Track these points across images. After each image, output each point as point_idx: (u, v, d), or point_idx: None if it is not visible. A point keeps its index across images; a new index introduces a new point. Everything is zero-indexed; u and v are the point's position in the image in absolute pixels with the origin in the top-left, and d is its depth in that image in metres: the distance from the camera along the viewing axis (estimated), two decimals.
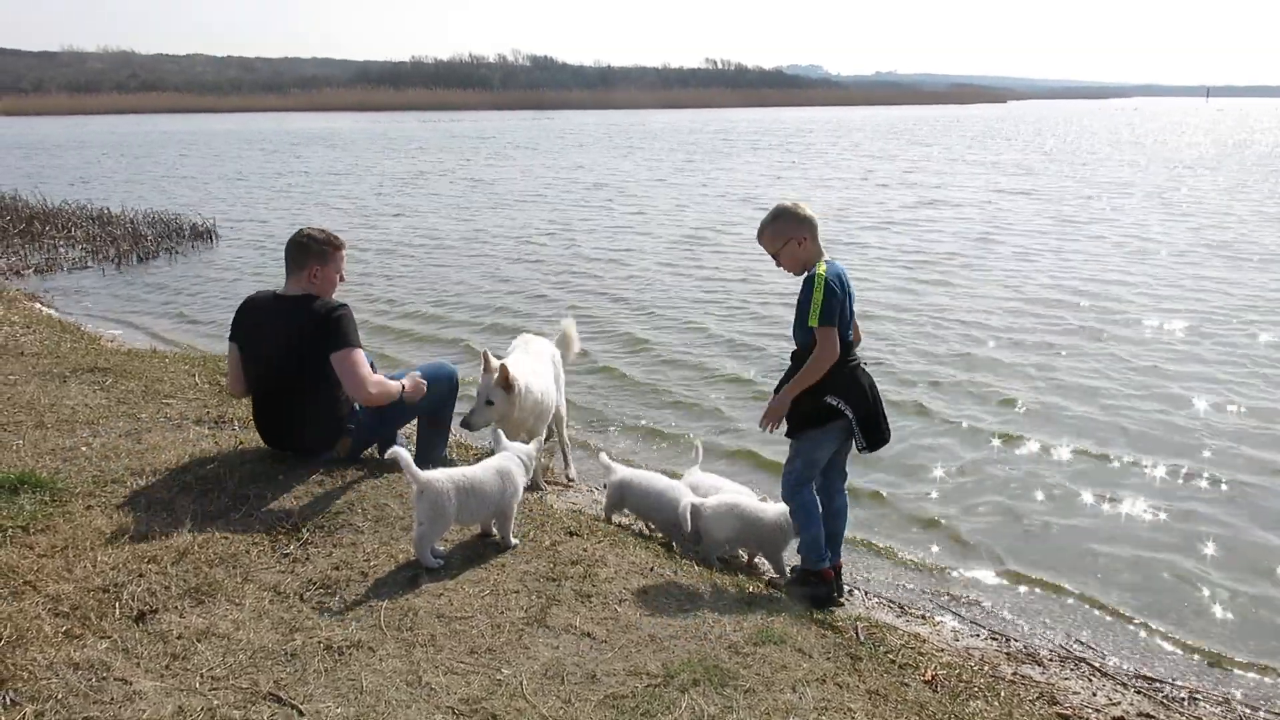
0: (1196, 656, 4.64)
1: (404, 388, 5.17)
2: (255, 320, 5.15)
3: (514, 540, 4.41)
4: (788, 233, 4.50)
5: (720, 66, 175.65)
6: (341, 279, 5.23)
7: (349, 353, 4.95)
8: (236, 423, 6.01)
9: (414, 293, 12.76)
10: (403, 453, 4.09)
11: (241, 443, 5.56)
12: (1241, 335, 10.17)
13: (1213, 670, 4.53)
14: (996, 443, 7.25)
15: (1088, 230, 17.50)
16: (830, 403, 4.44)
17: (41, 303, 11.48)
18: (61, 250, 15.40)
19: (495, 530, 4.43)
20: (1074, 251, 15.26)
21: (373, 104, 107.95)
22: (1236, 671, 4.51)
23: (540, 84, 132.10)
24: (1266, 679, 4.46)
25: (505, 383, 5.48)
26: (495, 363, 5.53)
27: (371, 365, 5.18)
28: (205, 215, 17.80)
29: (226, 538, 4.28)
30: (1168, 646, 4.74)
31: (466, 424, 5.58)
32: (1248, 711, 4.16)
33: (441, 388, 5.54)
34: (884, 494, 6.40)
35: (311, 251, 5.09)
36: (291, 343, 4.96)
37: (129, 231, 16.58)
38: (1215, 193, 23.60)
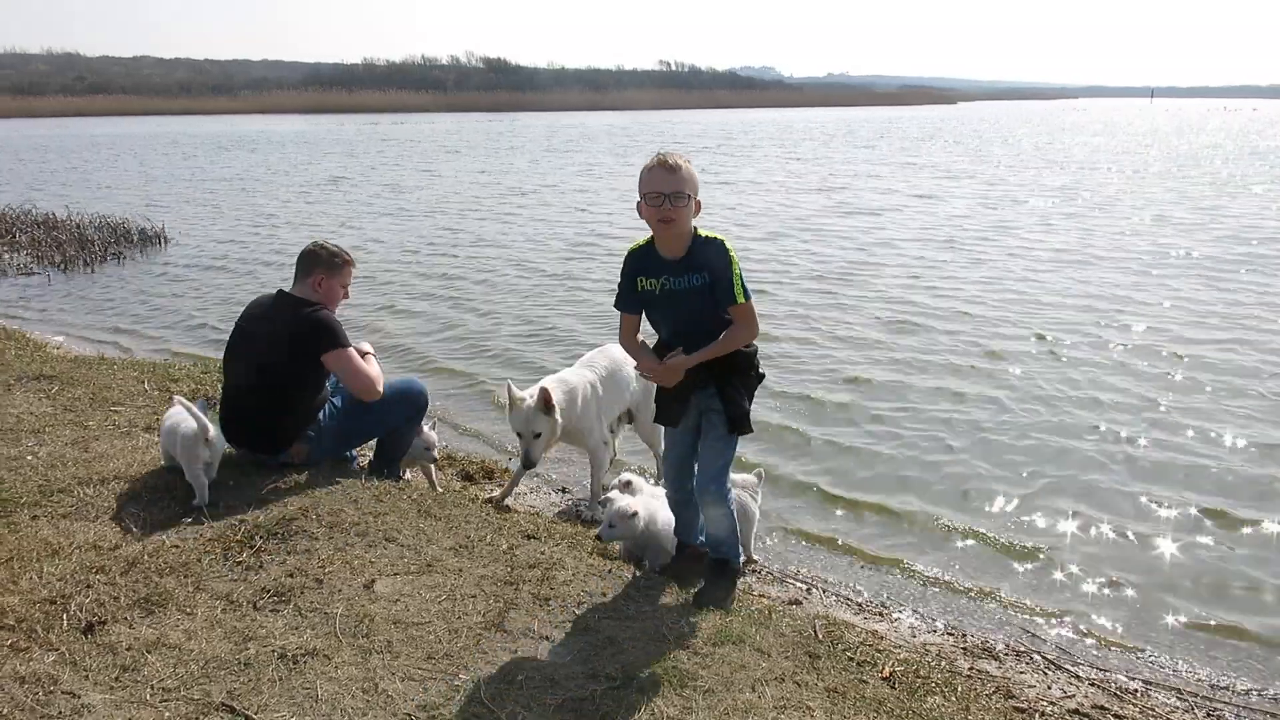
0: (1148, 648, 4.72)
1: (371, 354, 5.46)
2: (251, 315, 5.29)
3: None
4: (697, 185, 4.03)
5: (674, 68, 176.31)
6: (345, 295, 5.41)
7: (342, 352, 5.11)
8: None
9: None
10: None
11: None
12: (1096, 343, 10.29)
13: (1164, 660, 4.61)
14: (944, 434, 7.33)
15: (980, 239, 16.71)
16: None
17: None
18: (5, 256, 15.04)
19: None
20: (966, 262, 14.61)
21: (324, 106, 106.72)
22: (1187, 661, 4.60)
23: (495, 86, 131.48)
24: (1217, 668, 4.55)
25: (546, 406, 5.37)
26: (521, 393, 5.38)
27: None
28: (154, 220, 17.45)
29: (177, 546, 4.21)
30: (1121, 638, 4.82)
31: (528, 464, 5.50)
32: (1198, 700, 4.24)
33: (409, 407, 5.50)
34: (833, 491, 6.43)
35: (320, 261, 5.25)
36: (274, 339, 5.06)
37: (75, 237, 16.22)
38: (1120, 194, 23.74)
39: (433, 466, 5.79)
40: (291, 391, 5.13)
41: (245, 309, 5.39)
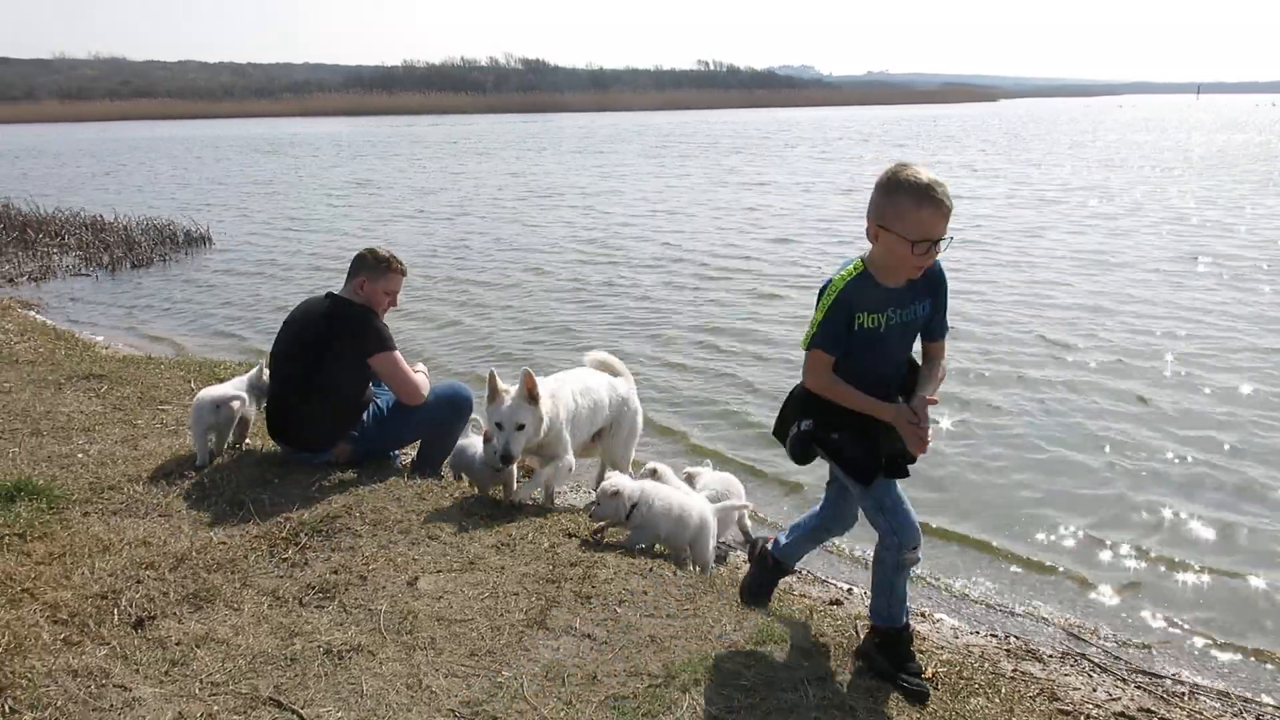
0: (1197, 649, 4.64)
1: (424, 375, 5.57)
2: (299, 315, 5.37)
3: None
4: None
5: (713, 68, 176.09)
6: (393, 303, 5.48)
7: (389, 355, 5.20)
8: None
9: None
10: None
11: (238, 448, 5.56)
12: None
13: (1211, 662, 4.54)
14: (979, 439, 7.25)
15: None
16: None
17: (36, 310, 11.45)
18: (55, 258, 15.35)
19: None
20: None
21: (364, 108, 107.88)
22: (1234, 667, 4.51)
23: (533, 87, 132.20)
24: (1266, 668, 4.46)
25: (531, 395, 4.83)
26: (504, 383, 4.89)
27: None
28: (199, 221, 17.72)
29: (224, 543, 4.28)
30: (1167, 643, 4.74)
31: (506, 459, 4.82)
32: (1247, 704, 4.16)
33: (452, 411, 5.55)
34: None
35: (365, 265, 5.35)
36: (321, 341, 5.15)
37: (122, 238, 16.53)
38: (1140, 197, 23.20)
39: (514, 470, 5.12)
40: (336, 392, 5.20)
41: (295, 309, 5.48)
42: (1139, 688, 4.22)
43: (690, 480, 5.35)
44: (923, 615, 4.89)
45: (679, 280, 13.41)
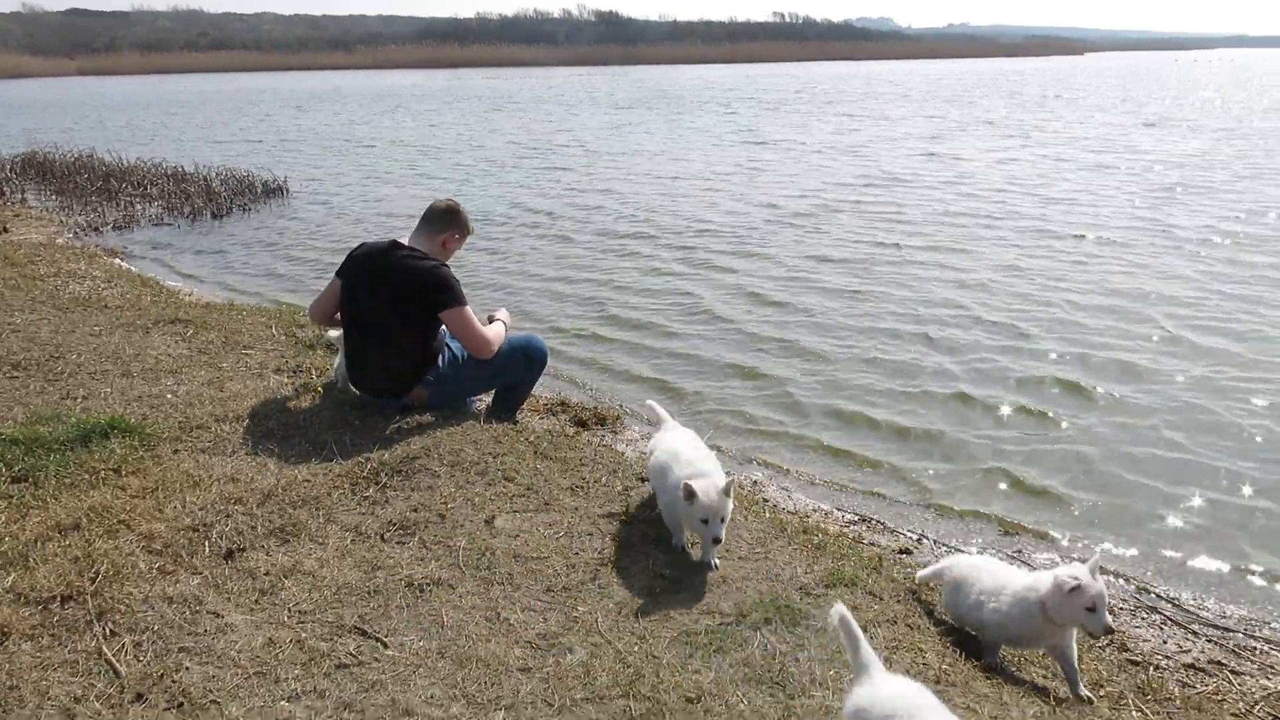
0: (1271, 608, 4.55)
1: (507, 324, 5.64)
2: (367, 265, 5.37)
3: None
4: None
5: (788, 19, 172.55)
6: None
7: (461, 310, 5.24)
8: (314, 371, 6.16)
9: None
10: None
11: (319, 391, 5.71)
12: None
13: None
14: (1056, 405, 7.12)
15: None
16: None
17: (121, 258, 11.81)
18: (138, 207, 15.78)
19: None
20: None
21: (437, 60, 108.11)
22: None
23: (606, 39, 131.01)
24: None
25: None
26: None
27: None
28: (276, 172, 18.04)
29: (308, 481, 4.41)
30: (1239, 599, 4.65)
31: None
32: None
33: (528, 363, 5.65)
34: (947, 449, 6.34)
35: (459, 222, 5.47)
36: (395, 292, 5.20)
37: (202, 188, 16.91)
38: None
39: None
40: (411, 341, 5.28)
41: (356, 257, 5.44)
42: (1210, 640, 4.17)
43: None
44: None
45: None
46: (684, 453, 4.03)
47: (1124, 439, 6.36)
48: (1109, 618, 3.27)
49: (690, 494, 3.63)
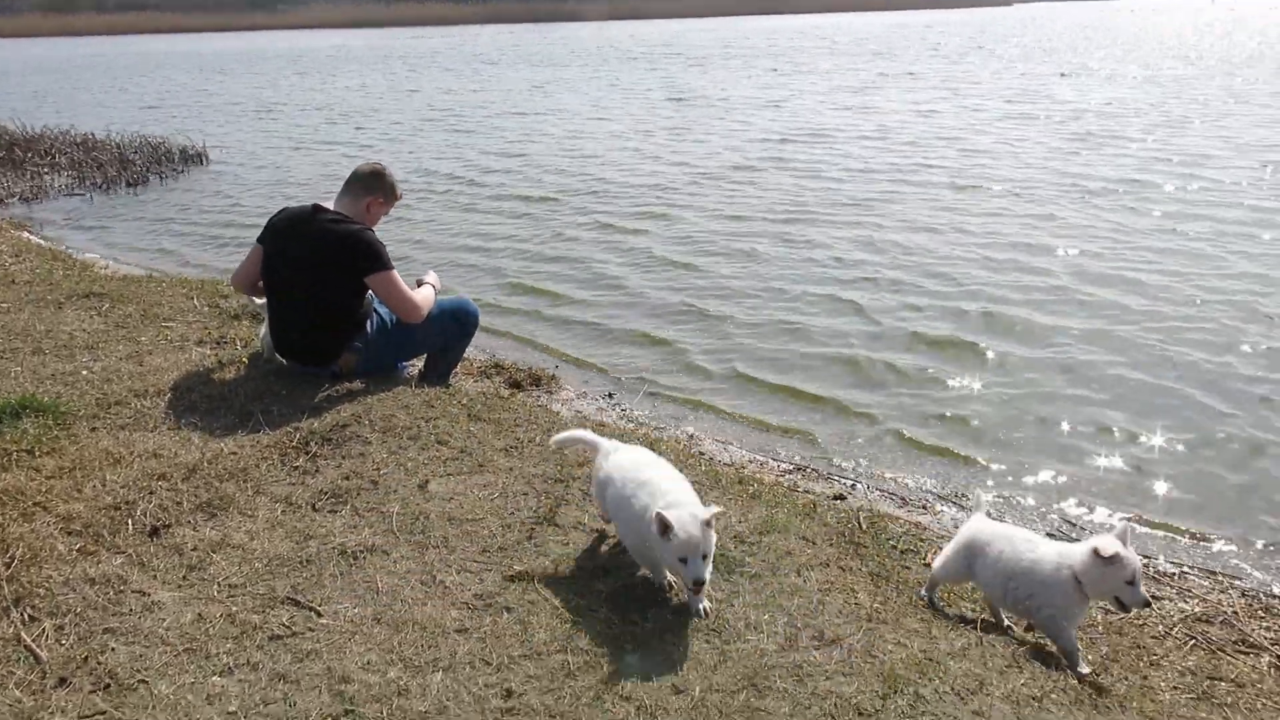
0: (1183, 535, 4.76)
1: (436, 287, 5.49)
2: (289, 231, 5.23)
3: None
4: None
5: None
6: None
7: (388, 275, 5.12)
8: (239, 342, 6.02)
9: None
10: None
11: (244, 362, 5.58)
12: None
13: (1217, 551, 4.63)
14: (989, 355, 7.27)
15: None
16: None
17: (29, 231, 11.36)
18: (46, 178, 15.16)
19: None
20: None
21: (362, 20, 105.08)
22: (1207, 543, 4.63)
23: None
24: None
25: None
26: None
27: None
28: (193, 140, 17.45)
29: (235, 453, 4.32)
30: (1163, 525, 4.84)
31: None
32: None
33: (458, 326, 5.57)
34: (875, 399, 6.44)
35: (384, 186, 5.34)
36: (318, 257, 5.07)
37: (115, 157, 16.28)
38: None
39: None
40: (336, 307, 5.17)
41: (277, 223, 5.32)
42: None
43: None
44: (924, 508, 4.98)
45: None
46: (650, 477, 3.31)
47: (1033, 383, 6.56)
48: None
49: (665, 527, 2.99)
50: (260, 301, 5.65)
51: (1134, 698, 3.06)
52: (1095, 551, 2.99)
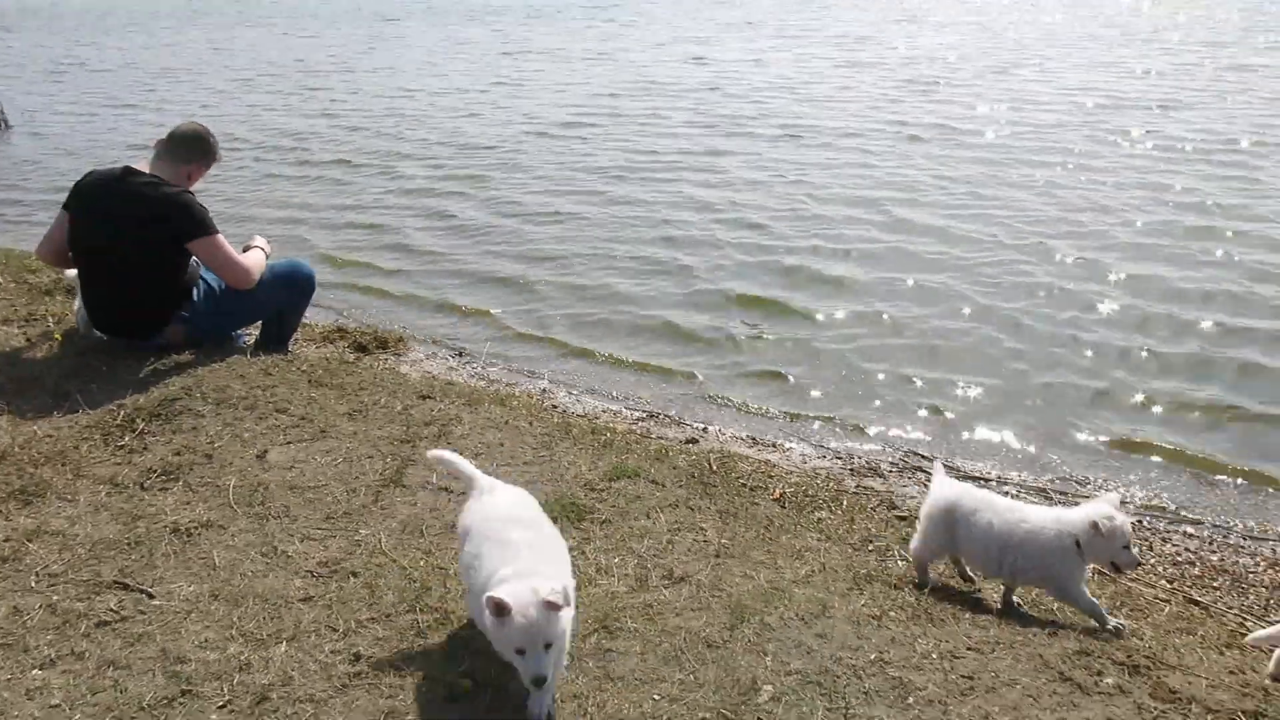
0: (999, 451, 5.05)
1: (266, 252, 5.22)
2: (98, 195, 4.87)
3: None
4: None
5: None
6: None
7: (212, 239, 4.85)
8: (51, 319, 5.61)
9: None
10: None
11: (58, 339, 5.21)
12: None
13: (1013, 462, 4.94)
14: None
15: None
16: None
17: None
18: None
19: None
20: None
21: None
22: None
23: None
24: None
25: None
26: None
27: None
28: None
29: (51, 436, 4.05)
30: (984, 454, 5.13)
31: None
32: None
33: (293, 291, 5.32)
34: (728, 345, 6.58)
35: (205, 148, 5.03)
36: (133, 222, 4.74)
37: None
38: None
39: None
40: (155, 275, 4.87)
41: (84, 187, 4.96)
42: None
43: None
44: (774, 446, 5.12)
45: None
46: (513, 537, 2.58)
47: (874, 327, 6.83)
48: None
49: (499, 609, 2.28)
50: (72, 273, 5.27)
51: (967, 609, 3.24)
52: (1095, 526, 3.06)
